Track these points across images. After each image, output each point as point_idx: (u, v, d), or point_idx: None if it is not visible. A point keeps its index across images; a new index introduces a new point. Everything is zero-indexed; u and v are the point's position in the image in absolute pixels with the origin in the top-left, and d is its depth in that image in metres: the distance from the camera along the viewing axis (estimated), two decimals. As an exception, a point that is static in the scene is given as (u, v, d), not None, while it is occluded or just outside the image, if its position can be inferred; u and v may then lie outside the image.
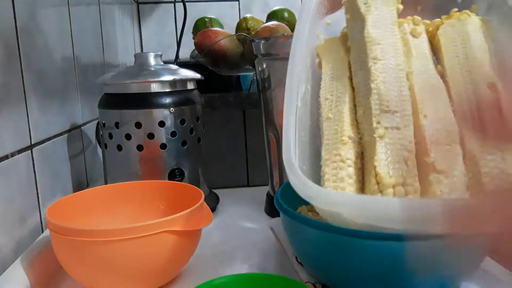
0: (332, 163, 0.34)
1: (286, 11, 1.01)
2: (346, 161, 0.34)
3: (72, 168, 0.69)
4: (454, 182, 0.32)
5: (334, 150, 0.35)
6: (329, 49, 0.43)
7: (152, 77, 0.61)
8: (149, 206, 0.55)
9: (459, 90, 0.37)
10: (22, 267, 0.44)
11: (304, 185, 0.30)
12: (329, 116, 0.38)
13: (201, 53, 0.88)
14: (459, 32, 0.40)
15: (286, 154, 0.32)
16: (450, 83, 0.38)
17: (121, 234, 0.40)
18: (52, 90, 0.63)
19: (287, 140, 0.33)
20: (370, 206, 0.28)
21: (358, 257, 0.38)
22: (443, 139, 0.34)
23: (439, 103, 0.37)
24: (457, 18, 0.41)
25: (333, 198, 0.29)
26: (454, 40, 0.40)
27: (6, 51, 0.49)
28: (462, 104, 0.37)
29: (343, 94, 0.39)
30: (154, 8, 1.43)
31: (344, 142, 0.35)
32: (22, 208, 0.51)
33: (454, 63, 0.39)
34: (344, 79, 0.40)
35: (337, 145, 0.35)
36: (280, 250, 0.54)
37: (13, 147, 0.50)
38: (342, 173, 0.33)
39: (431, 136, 0.34)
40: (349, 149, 0.35)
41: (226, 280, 0.40)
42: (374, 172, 0.32)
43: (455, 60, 0.39)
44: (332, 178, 0.34)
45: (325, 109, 0.39)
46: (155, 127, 0.61)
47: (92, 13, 0.88)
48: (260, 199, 0.71)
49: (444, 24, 0.42)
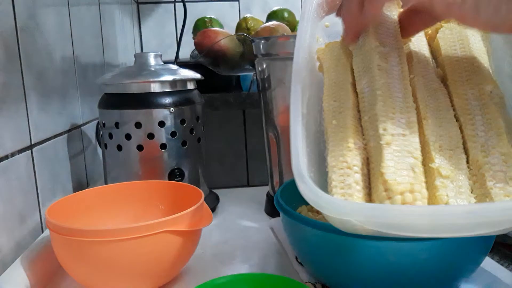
0: (339, 169, 0.34)
1: (286, 11, 1.01)
2: (353, 167, 0.34)
3: (72, 168, 0.69)
4: (460, 186, 0.32)
5: (340, 157, 0.35)
6: (330, 54, 0.43)
7: (152, 77, 0.61)
8: (149, 206, 0.55)
9: (460, 94, 0.37)
10: (22, 267, 0.44)
11: (316, 196, 0.30)
12: (333, 122, 0.38)
13: (201, 53, 0.88)
14: (458, 35, 0.41)
15: (295, 164, 0.32)
16: (450, 87, 0.38)
17: (121, 234, 0.40)
18: (52, 90, 0.63)
19: (295, 149, 0.34)
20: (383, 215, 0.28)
21: (358, 257, 0.38)
22: (446, 144, 0.34)
23: (440, 107, 0.37)
24: (455, 22, 0.42)
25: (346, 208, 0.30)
26: (453, 43, 0.40)
27: (6, 51, 0.49)
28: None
29: (346, 100, 0.39)
30: (154, 8, 1.43)
31: (350, 148, 0.35)
32: (22, 208, 0.51)
33: (454, 67, 0.39)
34: (346, 85, 0.40)
35: (343, 151, 0.35)
36: (280, 250, 0.54)
37: (13, 147, 0.50)
38: (349, 179, 0.34)
39: (434, 141, 0.34)
40: (355, 155, 0.35)
41: (226, 280, 0.40)
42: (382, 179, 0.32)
43: (455, 64, 0.39)
44: (339, 185, 0.34)
45: (329, 115, 0.39)
46: (155, 127, 0.61)
47: (92, 13, 0.88)
48: (260, 199, 0.71)
49: (443, 28, 0.42)
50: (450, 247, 0.37)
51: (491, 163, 0.33)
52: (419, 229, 0.29)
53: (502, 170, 0.32)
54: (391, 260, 0.38)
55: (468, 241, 0.37)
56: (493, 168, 0.32)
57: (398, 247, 0.37)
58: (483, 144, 0.34)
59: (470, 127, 0.36)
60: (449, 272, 0.39)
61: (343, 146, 0.35)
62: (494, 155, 0.33)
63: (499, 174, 0.32)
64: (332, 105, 0.39)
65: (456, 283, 0.41)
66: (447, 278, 0.39)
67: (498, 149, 0.33)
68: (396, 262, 0.38)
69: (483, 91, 0.37)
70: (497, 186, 0.32)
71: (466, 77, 0.38)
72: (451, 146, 0.35)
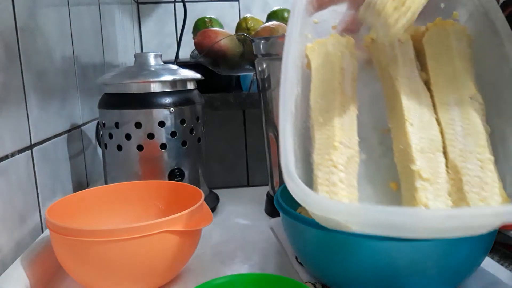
0: (325, 167, 0.35)
1: (286, 11, 1.01)
2: (338, 166, 0.35)
3: (72, 168, 0.69)
4: (438, 189, 0.34)
5: (326, 155, 0.36)
6: (319, 51, 0.43)
7: (152, 77, 0.61)
8: (149, 206, 0.55)
9: (441, 99, 0.38)
10: (22, 267, 0.44)
11: (303, 193, 0.31)
12: (319, 120, 0.39)
13: (201, 53, 0.88)
14: (443, 40, 0.41)
15: (283, 161, 0.33)
16: (433, 91, 0.39)
17: (121, 234, 0.40)
18: (52, 90, 0.63)
19: (284, 146, 0.34)
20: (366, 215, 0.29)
21: (358, 257, 0.38)
22: (428, 147, 0.36)
23: (424, 110, 0.38)
24: (441, 26, 0.42)
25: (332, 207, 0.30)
26: (438, 48, 0.41)
27: (6, 51, 0.49)
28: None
29: (333, 99, 0.39)
30: (154, 8, 1.43)
31: (335, 147, 0.36)
32: (22, 208, 0.51)
33: (437, 71, 0.40)
34: (333, 83, 0.40)
35: (329, 150, 0.36)
36: (280, 250, 0.54)
37: (13, 147, 0.50)
38: (334, 178, 0.35)
39: (416, 144, 0.36)
40: (340, 154, 0.36)
41: (226, 280, 0.40)
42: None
43: (438, 68, 0.40)
44: (325, 182, 0.35)
45: (315, 112, 0.39)
46: (155, 127, 0.61)
47: (92, 13, 0.88)
48: (260, 199, 0.71)
49: (429, 31, 0.43)
50: (450, 247, 0.37)
51: (468, 168, 0.34)
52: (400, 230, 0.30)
53: (478, 175, 0.33)
54: (391, 260, 0.38)
55: (468, 241, 0.37)
56: (470, 173, 0.34)
57: (398, 247, 0.37)
58: (462, 149, 0.35)
59: (450, 132, 0.37)
60: (449, 272, 0.39)
61: (329, 144, 0.36)
62: (472, 161, 0.34)
63: (475, 179, 0.33)
64: (319, 103, 0.40)
65: (456, 283, 0.41)
66: (447, 278, 0.39)
67: (475, 154, 0.35)
68: (396, 262, 0.38)
69: (464, 96, 0.38)
70: (473, 191, 0.33)
71: (448, 82, 0.39)
72: (432, 149, 0.36)
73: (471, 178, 0.33)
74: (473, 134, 0.36)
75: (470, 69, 0.39)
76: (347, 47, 0.43)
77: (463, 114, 0.37)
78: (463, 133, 0.36)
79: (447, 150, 0.36)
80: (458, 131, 0.36)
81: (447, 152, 0.36)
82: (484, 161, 0.34)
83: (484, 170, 0.34)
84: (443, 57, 0.40)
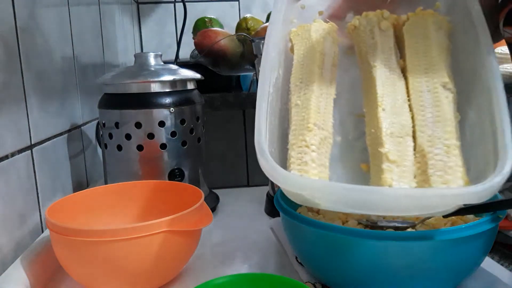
0: (298, 147, 0.37)
1: (286, 11, 1.01)
2: (311, 146, 0.37)
3: (72, 168, 0.69)
4: (404, 171, 0.35)
5: (300, 136, 0.37)
6: (302, 36, 0.45)
7: (152, 77, 0.61)
8: (149, 206, 0.55)
9: (416, 86, 0.40)
10: (22, 267, 0.44)
11: (273, 169, 0.33)
12: (297, 102, 0.40)
13: (201, 53, 0.88)
14: (423, 30, 0.42)
15: (257, 138, 0.35)
16: (409, 78, 0.40)
17: (121, 234, 0.40)
18: (52, 90, 0.63)
19: (258, 124, 0.36)
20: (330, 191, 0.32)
21: (358, 257, 0.38)
22: (397, 132, 0.37)
23: (397, 97, 0.39)
24: (421, 16, 0.43)
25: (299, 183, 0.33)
26: (416, 37, 0.42)
27: (6, 51, 0.49)
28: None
29: (311, 82, 0.41)
30: (154, 8, 1.43)
31: (310, 128, 0.38)
32: (22, 208, 0.51)
33: (414, 59, 0.41)
34: (313, 67, 0.42)
35: (304, 131, 0.38)
36: (280, 250, 0.54)
37: (13, 147, 0.50)
38: (307, 157, 0.36)
39: (386, 128, 0.37)
40: (314, 135, 0.37)
41: (226, 280, 0.40)
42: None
43: (415, 57, 0.41)
44: (297, 161, 0.36)
45: (294, 95, 0.41)
46: (155, 127, 0.61)
47: (92, 13, 0.88)
48: (260, 199, 0.71)
49: (409, 21, 0.43)
50: (450, 247, 0.37)
51: (434, 153, 0.35)
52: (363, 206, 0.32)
53: (443, 160, 0.35)
54: (391, 260, 0.38)
55: (468, 241, 0.37)
56: (436, 158, 0.35)
57: (398, 247, 0.37)
58: (430, 135, 0.37)
59: (421, 118, 0.38)
60: (449, 272, 0.39)
61: (304, 126, 0.38)
62: (438, 146, 0.36)
63: (440, 164, 0.35)
64: (298, 86, 0.41)
65: (456, 283, 0.41)
66: (447, 278, 0.39)
67: (442, 140, 0.36)
68: (396, 262, 0.38)
69: (437, 85, 0.39)
70: (436, 174, 0.34)
71: (423, 70, 0.40)
72: (402, 133, 0.37)
73: (436, 162, 0.35)
74: (442, 120, 0.37)
75: (446, 58, 0.40)
76: (329, 32, 0.44)
77: (434, 102, 0.38)
78: (433, 120, 0.37)
79: (416, 135, 0.37)
80: (428, 117, 0.37)
81: (416, 137, 0.37)
82: (450, 146, 0.35)
83: (449, 155, 0.35)
84: (420, 46, 0.41)
